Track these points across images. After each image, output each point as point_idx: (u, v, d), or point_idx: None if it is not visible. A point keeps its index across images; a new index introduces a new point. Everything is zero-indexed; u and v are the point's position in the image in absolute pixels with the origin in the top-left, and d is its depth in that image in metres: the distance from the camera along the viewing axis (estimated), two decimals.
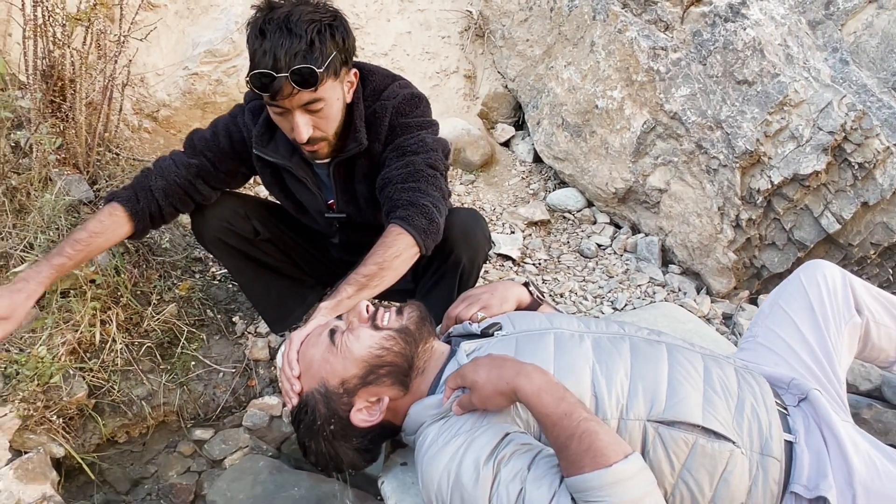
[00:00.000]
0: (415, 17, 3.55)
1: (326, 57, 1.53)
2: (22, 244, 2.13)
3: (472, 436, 1.20)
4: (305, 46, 1.49)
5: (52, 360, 1.99)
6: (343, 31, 1.59)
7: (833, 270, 1.59)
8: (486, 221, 1.94)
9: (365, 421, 1.35)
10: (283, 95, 1.53)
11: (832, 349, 1.51)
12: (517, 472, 1.13)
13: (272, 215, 2.10)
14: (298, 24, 1.49)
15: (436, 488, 1.19)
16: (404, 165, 1.70)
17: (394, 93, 1.76)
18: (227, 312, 2.40)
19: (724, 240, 2.57)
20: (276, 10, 1.52)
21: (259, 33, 1.51)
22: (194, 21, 3.08)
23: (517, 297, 1.65)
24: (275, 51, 1.48)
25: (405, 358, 1.36)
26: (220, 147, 1.87)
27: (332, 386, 1.34)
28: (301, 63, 1.49)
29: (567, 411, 1.12)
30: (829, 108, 2.37)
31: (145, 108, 2.98)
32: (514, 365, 1.21)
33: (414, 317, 1.41)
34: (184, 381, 2.18)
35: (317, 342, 1.39)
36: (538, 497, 1.09)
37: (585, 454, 1.07)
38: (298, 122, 1.59)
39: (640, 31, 2.71)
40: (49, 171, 2.28)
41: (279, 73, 1.49)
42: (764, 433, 1.26)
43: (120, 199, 1.81)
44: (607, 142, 2.84)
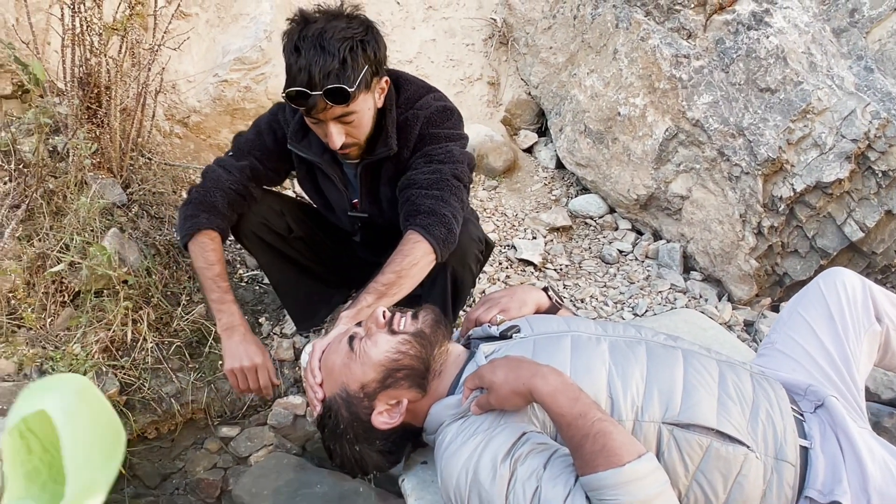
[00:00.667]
0: (439, 24, 3.60)
1: (358, 73, 1.59)
2: (58, 245, 2.20)
3: (489, 435, 1.24)
4: (338, 65, 1.56)
5: (85, 357, 2.06)
6: (374, 44, 1.65)
7: (853, 278, 1.59)
8: (476, 223, 1.99)
9: (386, 423, 1.40)
10: (318, 110, 1.61)
11: (851, 356, 1.52)
12: (533, 471, 1.16)
13: (305, 214, 2.17)
14: (332, 42, 1.55)
15: (454, 485, 1.23)
16: (431, 172, 1.75)
17: (427, 103, 1.81)
18: (254, 314, 2.46)
19: (745, 247, 2.57)
20: (310, 26, 1.59)
21: (294, 49, 1.58)
22: (224, 29, 3.16)
23: (536, 301, 1.68)
24: (309, 69, 1.55)
25: (421, 361, 1.40)
26: (265, 145, 1.95)
27: (353, 390, 1.39)
28: (334, 82, 1.56)
29: (582, 412, 1.15)
30: (853, 116, 2.37)
31: (176, 113, 3.06)
32: (531, 366, 1.25)
33: (429, 320, 1.45)
34: (211, 380, 2.24)
35: (337, 349, 1.44)
36: (553, 495, 1.13)
37: (599, 453, 1.10)
38: (332, 131, 1.67)
39: (663, 39, 2.72)
40: (84, 175, 2.36)
41: (313, 90, 1.56)
42: (779, 438, 1.28)
43: (207, 226, 1.88)
44: (629, 149, 2.86)
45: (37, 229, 2.26)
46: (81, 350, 2.08)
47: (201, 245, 1.88)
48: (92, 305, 2.17)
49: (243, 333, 1.88)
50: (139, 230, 2.44)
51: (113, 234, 2.29)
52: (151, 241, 2.43)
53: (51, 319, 2.16)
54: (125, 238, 2.33)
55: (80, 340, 2.10)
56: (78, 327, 2.12)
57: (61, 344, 2.11)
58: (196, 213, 1.89)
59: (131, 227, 2.42)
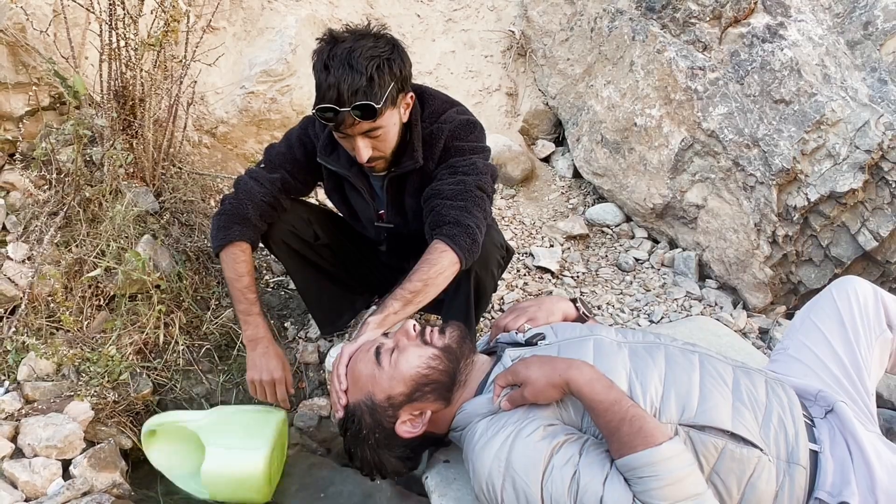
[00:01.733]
0: (459, 36, 3.67)
1: (385, 90, 1.67)
2: (95, 251, 2.30)
3: (519, 426, 1.31)
4: (365, 83, 1.63)
5: (120, 358, 2.15)
6: (400, 61, 1.72)
7: (864, 286, 1.63)
8: (497, 229, 2.07)
9: (409, 432, 1.46)
10: (346, 125, 1.69)
11: (862, 363, 1.56)
12: (569, 458, 1.24)
13: (331, 222, 2.24)
14: (359, 61, 1.63)
15: (486, 476, 1.29)
16: (455, 183, 1.81)
17: (451, 117, 1.89)
18: (280, 318, 2.54)
19: (760, 255, 2.62)
20: (339, 45, 1.66)
21: (324, 67, 1.66)
22: (251, 42, 3.25)
23: (563, 311, 1.74)
24: (338, 86, 1.62)
25: (449, 375, 1.47)
26: (296, 158, 2.03)
27: (379, 400, 1.45)
28: (362, 99, 1.64)
29: (616, 398, 1.25)
30: (867, 127, 2.41)
31: (205, 124, 3.15)
32: (564, 360, 1.33)
33: (455, 336, 1.52)
34: (239, 382, 2.32)
35: (364, 359, 1.49)
36: (592, 479, 1.20)
37: (637, 435, 1.19)
38: (360, 145, 1.74)
39: (679, 52, 2.78)
40: (119, 184, 2.46)
41: (342, 107, 1.64)
42: (790, 442, 1.33)
43: (238, 237, 1.98)
44: (646, 158, 2.92)
45: (74, 236, 2.36)
46: (116, 352, 2.17)
47: (233, 256, 1.98)
48: (126, 309, 2.26)
49: (266, 346, 2.00)
50: (171, 237, 2.53)
51: (146, 240, 2.38)
52: (182, 247, 2.52)
53: (87, 322, 2.26)
54: (157, 244, 2.42)
55: (115, 342, 2.20)
56: (113, 330, 2.22)
57: (97, 346, 2.20)
58: (229, 225, 1.98)
59: (163, 234, 2.51)
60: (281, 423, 1.95)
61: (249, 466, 1.79)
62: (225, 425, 1.90)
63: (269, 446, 1.83)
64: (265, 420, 1.93)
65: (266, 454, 1.81)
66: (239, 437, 1.85)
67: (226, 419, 1.94)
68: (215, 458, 1.81)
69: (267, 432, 1.87)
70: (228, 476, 1.80)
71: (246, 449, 1.81)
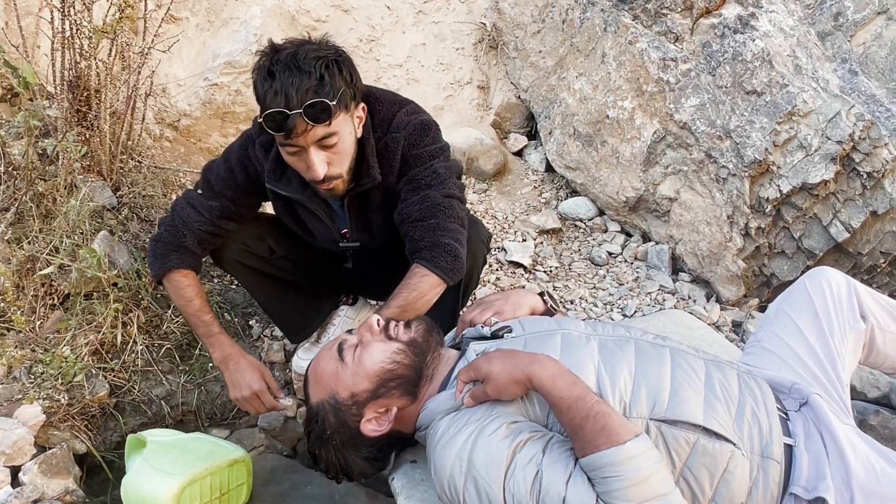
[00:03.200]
0: (429, 29, 3.61)
1: (337, 91, 1.54)
2: (48, 248, 2.20)
3: (482, 424, 1.25)
4: (316, 81, 1.50)
5: (75, 359, 2.06)
6: (349, 66, 1.60)
7: (838, 277, 1.61)
8: (482, 224, 1.98)
9: (374, 431, 1.40)
10: (298, 133, 1.53)
11: (836, 354, 1.53)
12: (532, 457, 1.18)
13: (286, 234, 2.08)
14: (306, 62, 1.50)
15: (448, 475, 1.23)
16: (420, 200, 1.72)
17: (403, 122, 1.76)
18: (244, 316, 2.46)
19: (733, 248, 2.59)
20: (281, 52, 1.54)
21: (268, 75, 1.52)
22: (214, 33, 3.17)
23: (531, 304, 1.69)
24: (286, 90, 1.49)
25: (415, 370, 1.41)
26: (237, 184, 1.87)
27: (342, 398, 1.39)
28: (313, 98, 1.50)
29: (580, 395, 1.19)
30: (838, 118, 2.40)
31: (167, 117, 3.06)
32: (527, 355, 1.28)
33: (421, 329, 1.46)
34: (201, 382, 2.24)
35: (326, 357, 1.44)
36: (554, 478, 1.15)
37: (601, 433, 1.14)
38: (314, 159, 1.59)
39: (651, 43, 2.75)
40: (74, 178, 2.37)
41: (292, 110, 1.49)
42: (764, 436, 1.29)
43: (178, 265, 1.87)
44: (618, 151, 2.88)
45: (26, 232, 2.26)
46: (71, 353, 2.08)
47: (176, 283, 1.87)
48: (81, 308, 2.17)
49: (237, 361, 1.90)
50: (129, 233, 2.44)
51: (103, 236, 2.29)
52: (141, 243, 2.43)
53: (40, 322, 2.16)
54: (115, 241, 2.33)
55: (70, 343, 2.10)
56: (67, 330, 2.12)
57: (51, 347, 2.10)
58: (166, 253, 1.87)
59: (121, 230, 2.42)
60: (225, 462, 1.80)
61: (160, 490, 1.67)
62: (171, 447, 1.78)
63: (187, 476, 1.69)
64: (211, 454, 1.80)
65: (180, 483, 1.67)
66: (172, 459, 1.74)
67: (180, 443, 1.83)
68: (137, 472, 1.71)
69: (198, 465, 1.73)
70: (138, 494, 1.69)
71: (164, 472, 1.69)
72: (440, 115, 3.52)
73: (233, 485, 1.82)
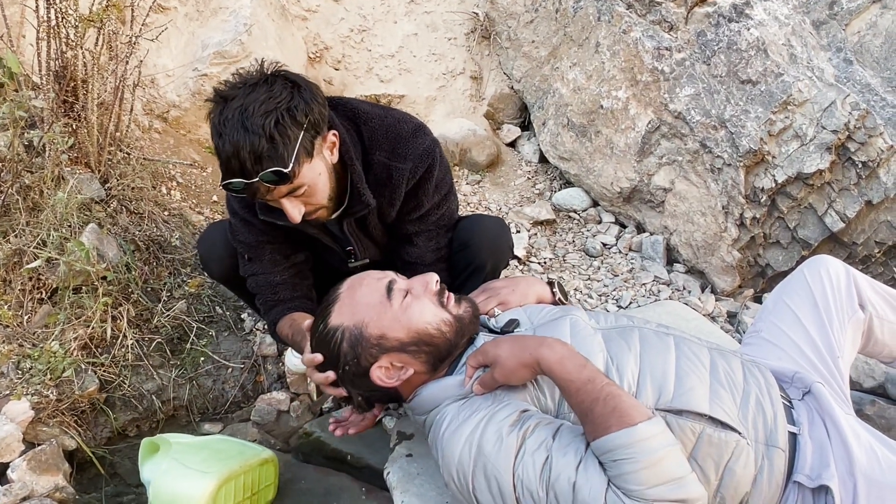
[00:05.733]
0: (421, 18, 3.58)
1: (292, 147, 1.42)
2: (35, 241, 2.16)
3: (492, 410, 1.24)
4: (267, 145, 1.39)
5: (63, 354, 2.03)
6: (304, 105, 1.45)
7: (837, 266, 1.60)
8: (510, 232, 1.96)
9: (381, 380, 1.35)
10: (262, 195, 1.48)
11: (835, 344, 1.53)
12: (542, 442, 1.17)
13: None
14: (254, 120, 1.39)
15: (457, 462, 1.21)
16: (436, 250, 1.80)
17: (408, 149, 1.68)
18: (236, 309, 2.43)
19: (728, 238, 2.58)
20: (228, 106, 1.42)
21: (217, 134, 1.43)
22: (204, 23, 3.12)
23: (538, 294, 1.66)
24: (239, 155, 1.39)
25: (450, 346, 1.37)
26: (260, 229, 1.77)
27: (369, 333, 1.33)
28: (268, 166, 1.40)
29: (590, 377, 1.17)
30: (833, 108, 2.38)
31: (156, 108, 3.01)
32: (536, 338, 1.26)
33: (469, 311, 1.42)
34: (193, 377, 2.21)
35: (372, 286, 1.37)
36: (565, 463, 1.14)
37: (611, 415, 1.12)
38: (287, 208, 1.52)
39: (645, 32, 2.73)
40: (62, 170, 2.32)
41: (249, 178, 1.42)
42: (769, 425, 1.28)
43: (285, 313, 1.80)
44: (612, 142, 2.86)
45: (13, 225, 2.21)
46: (60, 347, 2.04)
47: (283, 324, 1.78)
48: (70, 302, 2.13)
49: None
50: (118, 226, 2.40)
51: (91, 229, 2.25)
52: (131, 236, 2.40)
53: (28, 317, 2.12)
54: (104, 234, 2.29)
55: (59, 338, 2.07)
56: (56, 324, 2.09)
57: (39, 341, 2.07)
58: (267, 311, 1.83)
59: (110, 223, 2.38)
60: (256, 461, 1.77)
61: (195, 489, 1.63)
62: (199, 448, 1.75)
63: (222, 475, 1.66)
64: (240, 452, 1.77)
65: (215, 481, 1.64)
66: (202, 459, 1.70)
67: (207, 443, 1.80)
68: (168, 472, 1.66)
69: (231, 463, 1.70)
70: (171, 493, 1.65)
71: (198, 471, 1.66)
72: (433, 105, 3.49)
73: (262, 484, 1.79)
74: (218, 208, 2.83)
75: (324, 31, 3.46)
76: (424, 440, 1.60)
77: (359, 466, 1.86)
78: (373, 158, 1.68)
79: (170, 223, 2.58)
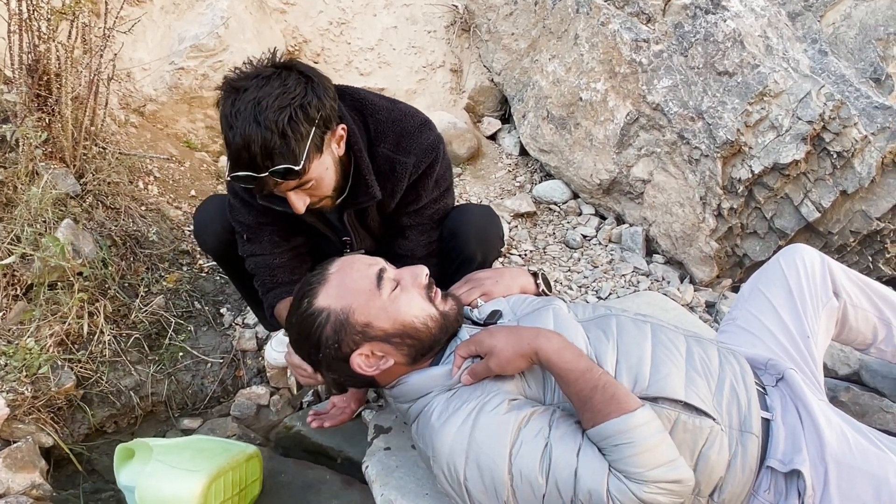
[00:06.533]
0: (401, 11, 3.56)
1: (304, 144, 1.42)
2: (9, 237, 2.13)
3: (482, 400, 1.24)
4: (279, 141, 1.39)
5: (39, 351, 2.00)
6: (317, 101, 1.45)
7: (812, 254, 1.62)
8: (499, 220, 1.96)
9: (360, 367, 1.34)
10: (269, 188, 1.47)
11: (809, 331, 1.54)
12: (538, 431, 1.19)
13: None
14: (268, 114, 1.38)
15: (447, 454, 1.21)
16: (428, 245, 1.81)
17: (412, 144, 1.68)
18: (215, 304, 2.42)
19: (706, 229, 2.60)
20: (241, 98, 1.40)
21: (228, 126, 1.41)
22: (180, 16, 3.09)
23: (521, 286, 1.65)
24: (249, 149, 1.38)
25: (434, 341, 1.37)
26: (260, 210, 1.75)
27: (355, 320, 1.31)
28: (280, 162, 1.40)
29: (587, 366, 1.21)
30: (808, 98, 2.41)
31: (132, 102, 2.98)
32: (531, 329, 1.28)
33: (455, 308, 1.41)
34: (172, 372, 2.20)
35: (362, 272, 1.36)
36: (564, 451, 1.16)
37: (610, 402, 1.16)
38: (292, 200, 1.52)
39: (623, 24, 2.74)
40: (36, 165, 2.29)
41: (259, 173, 1.41)
42: (743, 411, 1.30)
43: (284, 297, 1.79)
44: (591, 134, 2.87)
45: None
46: (35, 344, 2.02)
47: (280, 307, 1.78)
48: (46, 298, 2.10)
49: None
50: (94, 221, 2.37)
51: (66, 225, 2.22)
52: (107, 232, 2.37)
53: (2, 313, 2.09)
54: (79, 229, 2.26)
55: (34, 334, 2.04)
56: (31, 321, 2.06)
57: (14, 338, 2.04)
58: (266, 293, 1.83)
59: (86, 218, 2.35)
60: (242, 456, 1.75)
61: (186, 488, 1.60)
62: (182, 448, 1.72)
63: (211, 472, 1.64)
64: (225, 449, 1.75)
65: (205, 478, 1.62)
66: (187, 458, 1.67)
67: (188, 444, 1.77)
68: (154, 474, 1.62)
69: (218, 459, 1.68)
70: (157, 495, 1.61)
71: (187, 470, 1.63)
72: (413, 99, 3.48)
73: (249, 480, 1.78)
74: (196, 203, 2.81)
75: (302, 23, 3.44)
76: (402, 433, 1.61)
77: (339, 460, 1.86)
78: (377, 150, 1.68)
79: (147, 218, 2.56)
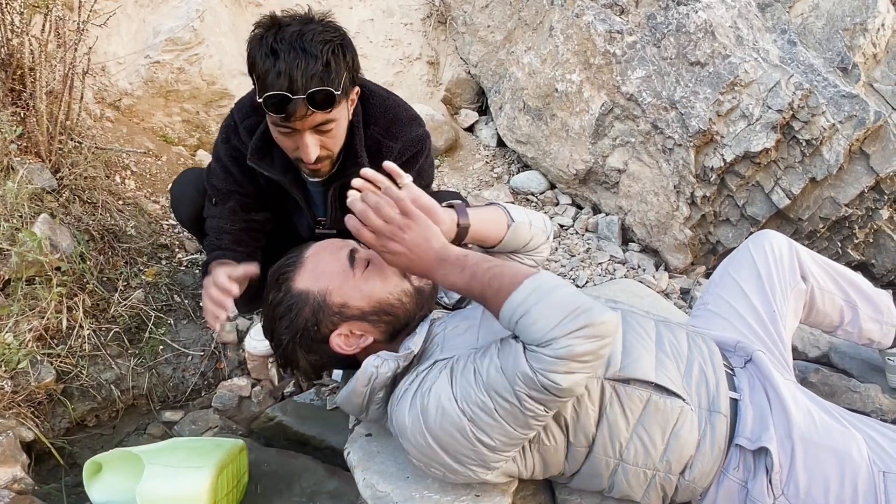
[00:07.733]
0: (377, 4, 3.57)
1: (341, 78, 1.50)
2: None
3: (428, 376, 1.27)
4: (322, 68, 1.46)
5: (18, 346, 1.99)
6: (352, 51, 1.56)
7: (780, 239, 1.66)
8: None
9: (340, 347, 1.36)
10: (297, 117, 1.50)
11: (778, 314, 1.59)
12: (465, 362, 1.23)
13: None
14: (313, 44, 1.45)
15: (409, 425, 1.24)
16: None
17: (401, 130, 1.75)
18: (195, 297, 2.42)
19: (680, 217, 2.65)
20: (285, 29, 1.47)
21: (271, 52, 1.46)
22: (154, 9, 3.07)
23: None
24: (291, 72, 1.44)
25: (409, 316, 1.39)
26: (237, 180, 1.84)
27: (332, 301, 1.34)
28: (318, 85, 1.46)
29: (472, 273, 1.21)
30: (778, 88, 2.46)
31: (107, 96, 2.96)
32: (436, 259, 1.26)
33: (430, 284, 1.44)
34: (152, 365, 2.20)
35: (335, 253, 1.39)
36: (486, 361, 1.19)
37: (499, 293, 1.16)
38: (308, 142, 1.57)
39: (597, 16, 2.77)
40: (10, 160, 2.27)
41: (295, 94, 1.45)
42: (711, 391, 1.34)
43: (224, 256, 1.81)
44: (567, 124, 2.91)
45: None
46: (14, 339, 2.01)
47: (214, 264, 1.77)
48: (24, 293, 2.09)
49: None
50: (71, 216, 2.36)
51: (43, 219, 2.21)
52: (85, 226, 2.36)
53: None
54: (56, 224, 2.25)
55: (13, 329, 2.03)
56: (9, 316, 2.05)
57: None
58: (210, 251, 1.87)
59: (63, 213, 2.34)
60: (235, 449, 1.75)
61: (193, 485, 1.57)
62: (171, 450, 1.69)
63: (215, 466, 1.62)
64: (217, 444, 1.74)
65: (211, 473, 1.60)
66: (183, 458, 1.65)
67: (174, 445, 1.74)
68: (154, 477, 1.58)
69: (216, 454, 1.66)
70: (168, 496, 1.57)
71: (190, 468, 1.61)
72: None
73: (241, 472, 1.78)
74: None
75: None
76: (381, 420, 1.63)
77: (321, 448, 1.88)
78: (367, 131, 1.73)
79: (124, 212, 2.55)
